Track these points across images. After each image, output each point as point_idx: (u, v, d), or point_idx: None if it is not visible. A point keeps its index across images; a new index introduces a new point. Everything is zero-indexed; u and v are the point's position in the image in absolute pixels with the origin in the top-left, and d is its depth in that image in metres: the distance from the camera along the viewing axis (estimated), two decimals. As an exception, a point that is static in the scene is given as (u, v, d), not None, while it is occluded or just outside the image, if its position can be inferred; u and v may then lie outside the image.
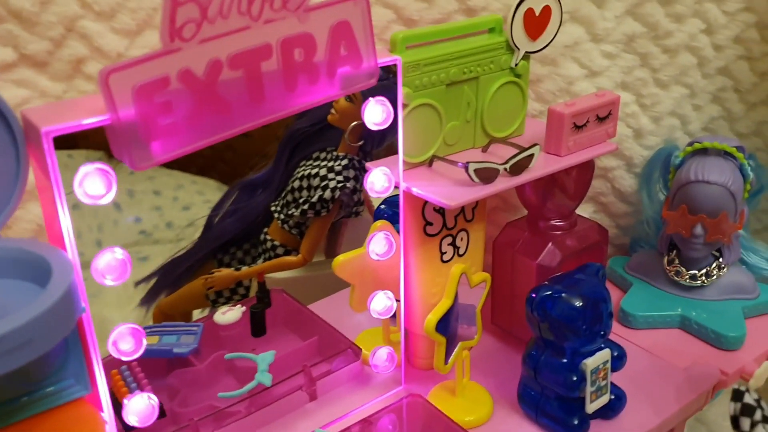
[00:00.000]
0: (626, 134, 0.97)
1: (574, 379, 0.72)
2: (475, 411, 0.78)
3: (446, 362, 0.75)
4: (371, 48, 0.63)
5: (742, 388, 0.66)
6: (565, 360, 0.73)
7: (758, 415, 0.64)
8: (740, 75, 1.00)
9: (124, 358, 0.60)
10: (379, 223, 0.79)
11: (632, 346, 0.90)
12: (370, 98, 0.69)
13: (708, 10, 0.93)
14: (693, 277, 0.95)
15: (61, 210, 0.54)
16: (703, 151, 0.92)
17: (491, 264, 0.90)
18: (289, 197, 1.09)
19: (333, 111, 1.05)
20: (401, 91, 0.70)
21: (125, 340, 0.60)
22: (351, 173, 1.05)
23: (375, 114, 0.68)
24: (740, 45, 0.98)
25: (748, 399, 0.65)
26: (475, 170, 0.71)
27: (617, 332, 0.93)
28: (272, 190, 1.15)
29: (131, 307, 1.14)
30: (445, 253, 0.82)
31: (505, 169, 0.74)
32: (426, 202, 0.77)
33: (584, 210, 1.03)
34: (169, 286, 1.15)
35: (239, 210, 1.17)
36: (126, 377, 0.76)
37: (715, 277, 0.94)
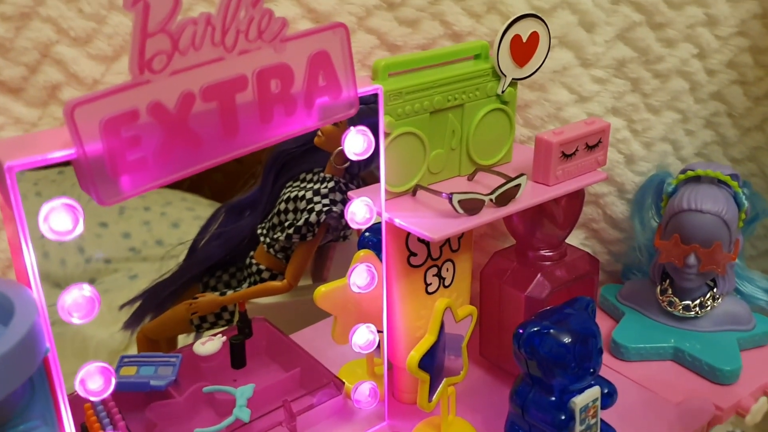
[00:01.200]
0: (617, 160, 0.95)
1: (563, 417, 0.70)
2: (460, 449, 0.77)
3: (430, 399, 0.74)
4: (351, 77, 0.62)
5: (737, 431, 0.65)
6: (553, 398, 0.71)
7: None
8: (734, 100, 0.99)
9: (91, 398, 0.58)
10: (362, 252, 0.78)
11: (623, 379, 0.89)
12: (351, 128, 0.67)
13: (700, 35, 0.93)
14: (686, 308, 0.93)
15: (25, 246, 0.53)
16: (696, 179, 0.91)
17: (479, 293, 0.88)
18: (275, 220, 1.08)
19: (319, 133, 1.04)
20: (383, 121, 0.69)
21: (93, 380, 0.59)
22: (338, 196, 1.04)
23: (356, 144, 0.67)
24: (733, 69, 0.97)
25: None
26: (460, 201, 0.70)
27: (608, 364, 0.91)
28: (258, 213, 1.14)
29: (116, 328, 1.13)
30: (430, 284, 0.81)
31: (491, 200, 0.72)
32: (409, 233, 0.76)
33: (575, 237, 1.02)
34: (154, 309, 1.13)
35: (225, 233, 1.16)
36: (99, 412, 0.74)
37: (709, 307, 0.93)
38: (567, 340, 0.69)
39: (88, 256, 1.57)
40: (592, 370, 0.71)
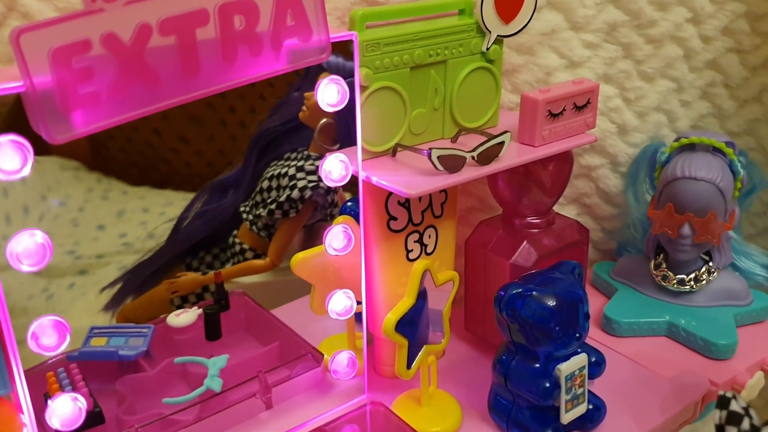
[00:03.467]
0: (610, 130, 0.92)
1: (547, 385, 0.67)
2: (441, 421, 0.74)
3: (409, 367, 0.70)
4: (322, 20, 0.59)
5: (729, 395, 0.61)
6: (537, 365, 0.68)
7: (746, 424, 0.59)
8: (730, 69, 0.96)
9: (45, 354, 0.55)
10: (342, 218, 0.75)
11: (615, 354, 0.86)
12: (326, 77, 0.64)
13: (694, -2, 0.90)
14: (681, 282, 0.90)
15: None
16: (691, 147, 0.88)
17: (464, 266, 0.85)
18: (258, 198, 1.06)
19: (304, 108, 1.01)
20: (358, 72, 0.66)
21: (47, 334, 0.55)
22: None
23: (329, 94, 0.64)
24: (729, 37, 0.94)
25: (735, 406, 0.60)
26: (439, 157, 0.67)
27: (600, 340, 0.88)
28: (242, 191, 1.11)
29: (96, 310, 1.10)
30: (412, 251, 0.78)
31: (473, 158, 0.69)
32: (390, 194, 0.73)
33: (567, 212, 0.98)
34: (135, 290, 1.11)
35: (209, 211, 1.14)
36: (62, 379, 0.71)
37: (704, 282, 0.90)
38: (550, 302, 0.66)
39: (79, 254, 1.54)
40: (577, 336, 0.68)
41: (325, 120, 0.99)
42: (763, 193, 1.03)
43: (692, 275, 0.90)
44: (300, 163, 1.02)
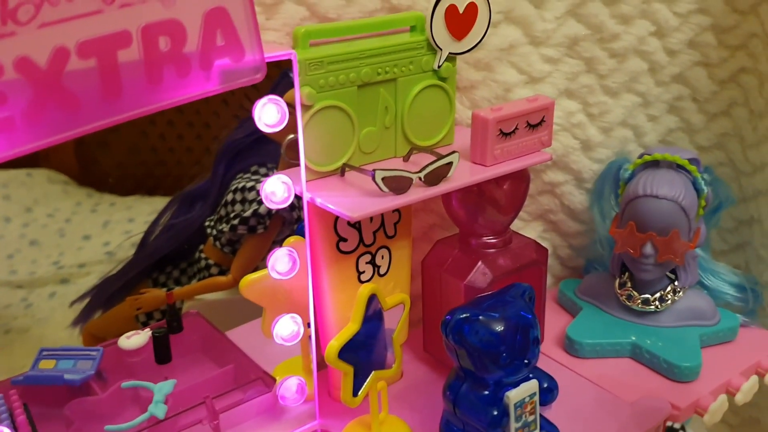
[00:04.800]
0: (573, 146, 0.91)
1: (495, 414, 0.66)
2: (391, 449, 0.72)
3: (355, 394, 0.69)
4: (255, 39, 0.58)
5: (676, 426, 0.60)
6: (486, 392, 0.67)
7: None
8: (698, 83, 0.95)
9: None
10: (293, 239, 0.74)
11: (576, 376, 0.84)
12: (264, 97, 0.63)
13: (657, 11, 0.88)
14: (646, 302, 0.89)
15: None
16: (655, 164, 0.87)
17: (421, 286, 0.84)
18: (222, 212, 1.04)
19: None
20: (299, 91, 0.65)
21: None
22: None
23: (267, 114, 0.63)
24: (695, 50, 0.93)
25: (682, 438, 0.59)
26: (384, 179, 0.66)
27: (562, 361, 0.87)
28: (208, 204, 1.10)
29: (57, 324, 1.09)
30: (363, 272, 0.76)
31: (420, 179, 0.68)
32: (338, 216, 0.72)
33: (533, 228, 0.97)
34: (102, 306, 1.10)
35: (175, 225, 1.12)
36: (-1, 406, 0.70)
37: (669, 301, 0.88)
38: (498, 327, 0.65)
39: (62, 263, 1.53)
40: (526, 362, 0.66)
41: (292, 136, 0.98)
42: (734, 209, 1.02)
43: (657, 295, 0.89)
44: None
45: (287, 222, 1.02)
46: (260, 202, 0.99)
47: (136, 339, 0.83)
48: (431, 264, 0.82)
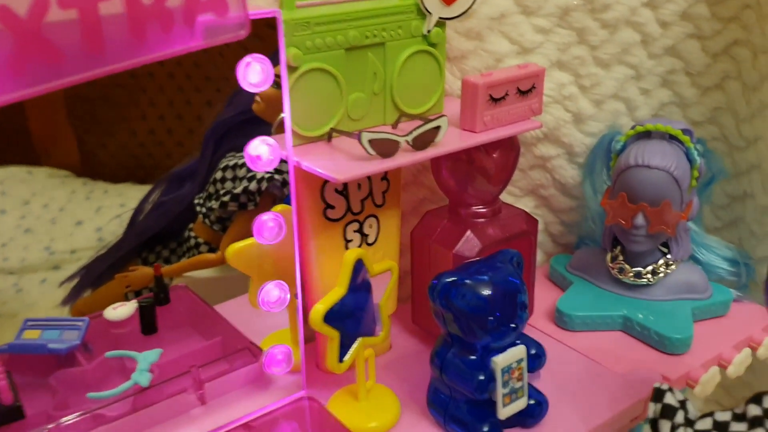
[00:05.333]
0: (564, 119, 0.91)
1: (482, 378, 0.66)
2: (378, 417, 0.73)
3: (341, 360, 0.69)
4: (240, -5, 0.58)
5: (664, 387, 0.60)
6: (473, 357, 0.67)
7: (680, 417, 0.58)
8: (691, 56, 0.95)
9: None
10: (280, 206, 0.74)
11: (566, 348, 0.85)
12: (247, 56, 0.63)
13: (649, -19, 0.88)
14: (638, 275, 0.89)
15: None
16: (647, 135, 0.87)
17: (410, 257, 0.84)
18: (212, 189, 1.04)
19: (257, 99, 1.00)
20: (284, 51, 0.65)
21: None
22: (283, 166, 1.00)
23: (251, 74, 0.63)
24: (688, 22, 0.93)
25: (670, 399, 0.59)
26: (370, 141, 0.66)
27: (552, 334, 0.87)
28: (197, 183, 1.10)
29: (46, 307, 1.10)
30: (351, 240, 0.77)
31: (407, 142, 0.68)
32: (325, 182, 0.72)
33: (524, 204, 0.97)
34: (91, 284, 1.10)
35: (165, 203, 1.13)
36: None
37: (662, 274, 0.88)
38: (485, 291, 0.65)
39: (53, 249, 1.54)
40: (513, 326, 0.66)
41: (282, 115, 0.98)
42: (727, 184, 1.02)
43: (649, 268, 0.89)
44: None
45: (278, 199, 1.02)
46: (251, 179, 0.99)
47: (122, 310, 0.83)
48: (420, 234, 0.82)
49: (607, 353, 0.84)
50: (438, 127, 0.69)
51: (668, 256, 0.89)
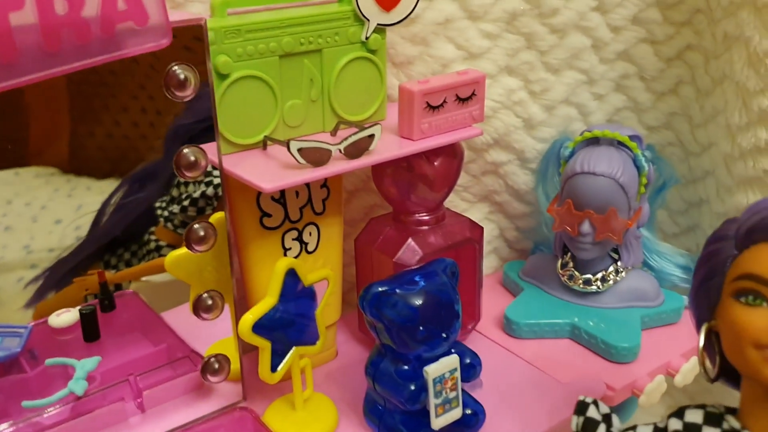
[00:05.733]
0: (514, 124, 0.91)
1: (413, 389, 0.66)
2: (314, 427, 0.72)
3: (274, 370, 0.69)
4: (160, 3, 0.58)
5: (588, 400, 0.60)
6: (406, 368, 0.67)
7: (602, 431, 0.58)
8: (644, 61, 0.95)
9: None
10: (217, 214, 0.74)
11: (512, 356, 0.85)
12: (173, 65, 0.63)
13: (597, -15, 0.88)
14: (587, 282, 0.89)
15: None
16: (595, 141, 0.87)
17: (355, 265, 0.84)
18: (174, 192, 1.04)
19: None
20: (210, 59, 0.64)
21: None
22: None
23: (175, 81, 0.63)
24: (640, 26, 0.93)
25: (593, 413, 0.59)
26: (300, 150, 0.66)
27: (500, 342, 0.87)
28: (159, 185, 1.10)
29: (17, 307, 1.10)
30: (290, 249, 0.77)
31: (340, 151, 0.68)
32: (260, 192, 0.72)
33: (478, 210, 0.97)
34: (54, 287, 1.10)
35: (126, 205, 1.13)
36: None
37: (611, 282, 0.88)
38: (415, 301, 0.65)
39: (32, 248, 1.54)
40: (444, 335, 0.66)
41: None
42: (685, 190, 1.02)
43: (599, 275, 0.89)
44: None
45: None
46: (208, 184, 0.99)
47: (65, 317, 0.83)
48: (363, 242, 0.82)
49: (553, 362, 0.84)
50: (372, 135, 0.69)
51: (618, 263, 0.89)
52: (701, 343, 0.57)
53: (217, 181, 0.99)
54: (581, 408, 0.59)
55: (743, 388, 0.55)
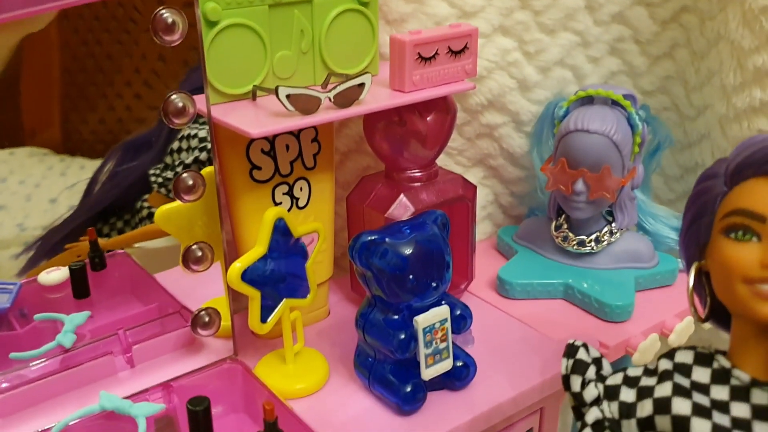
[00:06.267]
0: (509, 86, 0.90)
1: (402, 337, 0.65)
2: (305, 379, 0.72)
3: (264, 320, 0.68)
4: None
5: (578, 344, 0.59)
6: (396, 317, 0.67)
7: (591, 373, 0.57)
8: (639, 23, 0.94)
9: None
10: (208, 168, 0.73)
11: (505, 316, 0.84)
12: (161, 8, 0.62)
13: (591, -57, 0.88)
14: (581, 243, 0.88)
15: None
16: (589, 100, 0.86)
17: (347, 222, 0.83)
18: (169, 159, 1.04)
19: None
20: (198, 6, 0.64)
21: None
22: None
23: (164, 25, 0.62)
24: (635, -13, 0.92)
25: (582, 355, 0.59)
26: (289, 96, 0.65)
27: (493, 302, 0.86)
28: (153, 153, 1.10)
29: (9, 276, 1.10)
30: (281, 203, 0.76)
31: (329, 99, 0.67)
32: (251, 142, 0.71)
33: (473, 174, 0.96)
34: (46, 256, 1.10)
35: (118, 174, 1.12)
36: None
37: (606, 243, 0.88)
38: (405, 251, 0.64)
39: (26, 226, 1.54)
40: (434, 285, 0.66)
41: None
42: (680, 155, 1.01)
43: (593, 236, 0.88)
44: None
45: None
46: (201, 150, 0.99)
47: (55, 274, 0.83)
48: (355, 199, 0.81)
49: (546, 321, 0.83)
50: (362, 84, 0.69)
51: (613, 224, 0.89)
52: (691, 282, 0.56)
53: (210, 146, 0.99)
54: (571, 350, 0.59)
55: (733, 327, 0.54)
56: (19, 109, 0.85)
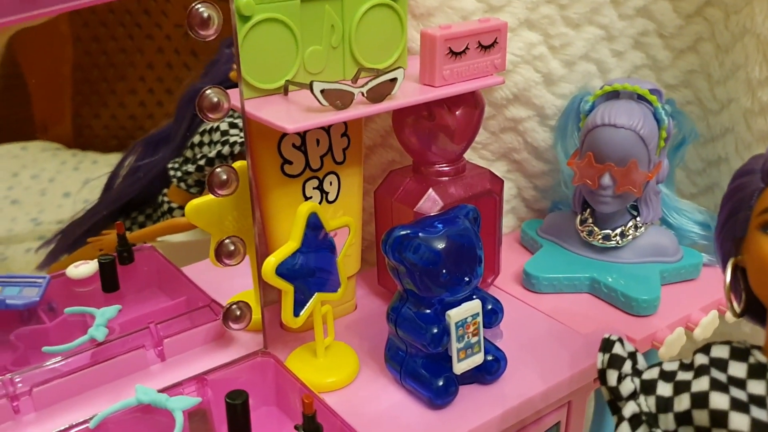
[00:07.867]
0: (534, 80, 0.90)
1: (435, 331, 0.65)
2: (336, 373, 0.72)
3: (296, 314, 0.68)
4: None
5: (613, 338, 0.59)
6: (428, 311, 0.67)
7: (627, 368, 0.58)
8: (663, 17, 0.94)
9: None
10: (240, 162, 0.73)
11: (532, 310, 0.84)
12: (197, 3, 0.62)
13: (618, -62, 0.87)
14: (606, 237, 0.88)
15: None
16: (615, 95, 0.86)
17: (374, 217, 0.83)
18: (188, 153, 1.04)
19: (234, 66, 0.99)
20: (233, 0, 0.64)
21: None
22: None
23: (199, 20, 0.62)
24: (660, -18, 0.91)
25: (618, 349, 0.59)
26: (323, 91, 0.65)
27: (519, 296, 0.86)
28: (172, 148, 1.10)
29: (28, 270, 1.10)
30: (311, 197, 0.76)
31: (362, 94, 0.67)
32: (283, 136, 0.72)
33: (497, 169, 0.96)
34: (67, 250, 1.10)
35: (139, 169, 1.13)
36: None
37: (630, 237, 0.88)
38: (438, 245, 0.64)
39: (41, 220, 1.55)
40: (467, 280, 0.66)
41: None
42: (703, 149, 1.01)
43: (618, 230, 0.88)
44: (234, 120, 1.01)
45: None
46: (224, 143, 0.99)
47: (84, 268, 0.83)
48: (383, 193, 0.81)
49: (573, 315, 0.83)
50: (394, 79, 0.68)
51: (638, 218, 0.88)
52: (727, 278, 0.56)
53: (233, 140, 0.99)
54: (607, 345, 0.59)
55: (769, 322, 0.54)
56: (29, 103, 0.85)
